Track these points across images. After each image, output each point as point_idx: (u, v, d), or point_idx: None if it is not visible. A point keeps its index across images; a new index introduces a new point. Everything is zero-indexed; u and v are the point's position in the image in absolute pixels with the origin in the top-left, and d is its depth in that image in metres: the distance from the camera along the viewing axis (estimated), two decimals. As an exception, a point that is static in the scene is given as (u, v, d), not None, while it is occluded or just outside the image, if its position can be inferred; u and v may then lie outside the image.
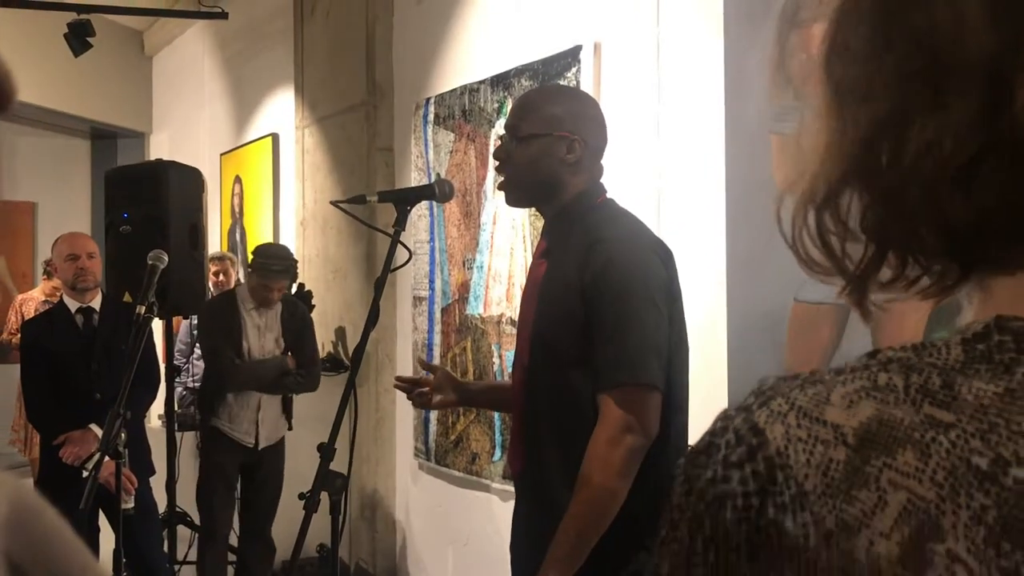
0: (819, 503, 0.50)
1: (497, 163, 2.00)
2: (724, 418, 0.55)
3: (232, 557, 4.38)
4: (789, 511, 0.50)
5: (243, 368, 4.07)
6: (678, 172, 2.94)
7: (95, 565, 0.25)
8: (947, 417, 0.50)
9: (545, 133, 1.91)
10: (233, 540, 4.31)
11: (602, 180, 2.01)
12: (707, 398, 2.60)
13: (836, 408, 0.52)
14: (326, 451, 2.03)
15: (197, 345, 4.77)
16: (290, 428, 4.27)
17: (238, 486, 4.26)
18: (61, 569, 0.24)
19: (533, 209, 3.19)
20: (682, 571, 0.53)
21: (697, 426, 2.14)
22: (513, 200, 2.02)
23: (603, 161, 2.02)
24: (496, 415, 3.71)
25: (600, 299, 1.79)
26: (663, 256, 1.90)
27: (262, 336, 4.15)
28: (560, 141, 1.91)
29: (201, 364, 4.75)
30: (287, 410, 4.25)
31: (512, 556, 2.08)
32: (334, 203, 2.26)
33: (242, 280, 6.29)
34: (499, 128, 3.68)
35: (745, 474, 0.52)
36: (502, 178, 1.99)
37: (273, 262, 4.13)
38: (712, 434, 0.55)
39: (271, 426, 4.17)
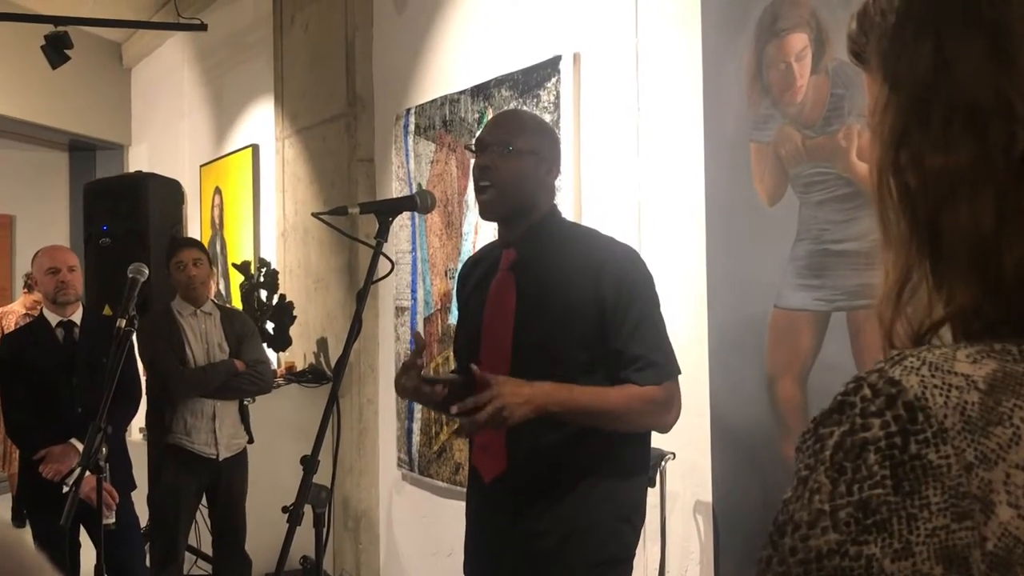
0: (959, 438, 0.56)
1: (478, 171, 2.08)
2: (855, 381, 0.60)
3: (195, 570, 4.35)
4: (932, 445, 0.56)
5: (190, 374, 3.93)
6: (658, 180, 2.96)
7: None
8: None
9: (533, 153, 2.07)
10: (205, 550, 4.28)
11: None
12: (689, 401, 2.61)
13: (963, 363, 0.58)
14: (309, 463, 2.02)
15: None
16: (251, 441, 4.13)
17: (201, 504, 4.11)
18: None
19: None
20: (826, 517, 0.58)
21: (679, 432, 2.15)
22: (491, 211, 2.10)
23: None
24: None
25: (629, 309, 1.98)
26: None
27: (204, 342, 4.01)
28: (543, 163, 2.09)
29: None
30: (245, 420, 4.11)
31: (468, 566, 2.15)
32: (316, 215, 2.26)
33: (222, 292, 6.27)
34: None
35: (886, 419, 0.58)
36: (484, 186, 2.07)
37: (178, 240, 4.15)
38: (844, 395, 0.60)
39: (229, 434, 4.02)
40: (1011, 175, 0.60)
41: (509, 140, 2.06)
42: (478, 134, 2.15)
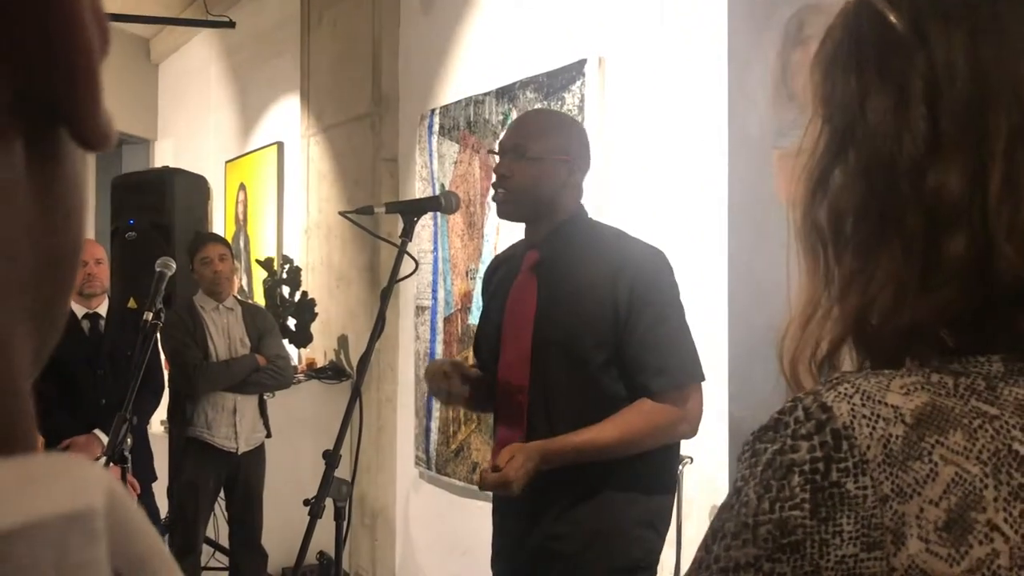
0: (878, 470, 0.57)
1: (496, 178, 2.09)
2: (793, 400, 0.62)
3: (212, 562, 4.39)
4: (851, 475, 0.58)
5: (212, 368, 3.97)
6: (681, 185, 2.97)
7: (176, 567, 0.27)
8: (992, 411, 0.59)
9: (550, 156, 2.03)
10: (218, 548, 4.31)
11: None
12: (707, 410, 2.62)
13: (896, 393, 0.59)
14: (331, 458, 2.05)
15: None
16: (268, 435, 4.17)
17: (219, 497, 4.16)
18: (146, 565, 0.26)
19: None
20: (748, 531, 0.60)
21: (697, 437, 2.16)
22: (507, 214, 2.12)
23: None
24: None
25: (644, 311, 1.95)
26: (670, 264, 2.08)
27: (226, 337, 4.06)
28: (563, 165, 2.04)
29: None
30: (264, 414, 4.16)
31: (494, 565, 2.16)
32: (343, 214, 2.29)
33: (244, 287, 6.32)
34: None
35: (813, 443, 0.59)
36: (500, 192, 2.08)
37: (203, 235, 4.21)
38: (780, 413, 0.62)
39: (249, 428, 4.06)
40: (887, 227, 0.63)
41: (524, 145, 2.04)
42: (501, 137, 2.16)
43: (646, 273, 1.98)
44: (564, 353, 1.99)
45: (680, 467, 2.73)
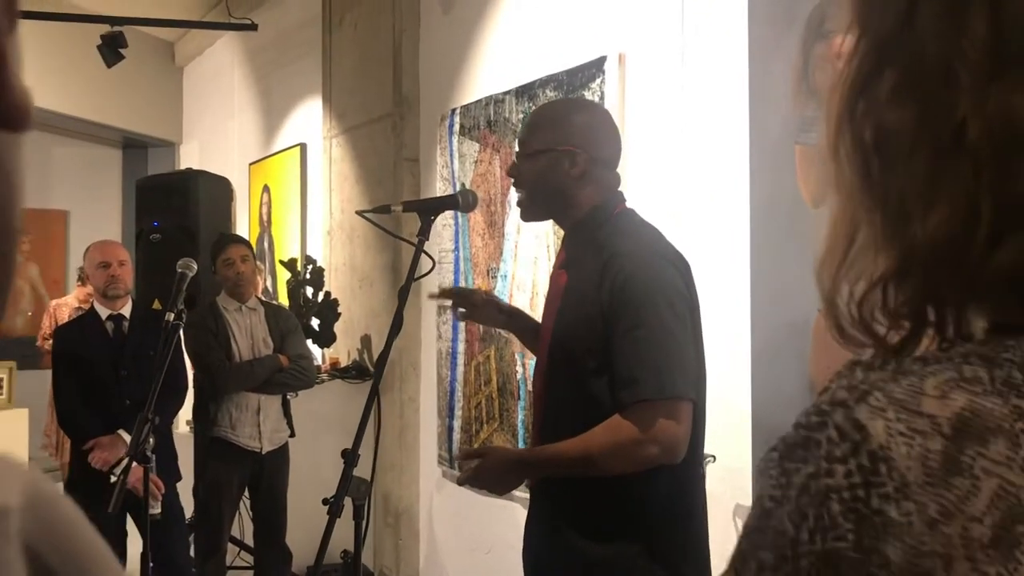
0: (921, 492, 0.53)
1: (513, 180, 2.06)
2: (819, 414, 0.57)
3: (237, 561, 4.42)
4: (893, 500, 0.53)
5: (236, 368, 4.00)
6: (702, 182, 2.95)
7: (112, 557, 0.26)
8: None
9: (548, 149, 1.94)
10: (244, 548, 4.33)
11: (622, 189, 2.04)
12: (730, 408, 2.60)
13: (931, 399, 0.55)
14: (350, 456, 2.05)
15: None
16: (292, 434, 4.20)
17: (244, 496, 4.19)
18: (79, 557, 0.24)
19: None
20: (788, 563, 0.56)
21: (720, 435, 2.14)
22: (526, 215, 2.06)
23: (621, 170, 2.05)
24: (520, 424, 3.72)
25: (620, 314, 1.80)
26: (681, 267, 1.91)
27: (249, 337, 4.10)
28: (563, 156, 1.93)
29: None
30: (287, 414, 4.19)
31: (525, 566, 2.08)
32: (360, 213, 2.29)
33: (269, 288, 6.36)
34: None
35: (850, 468, 0.54)
36: (520, 194, 2.04)
37: (226, 236, 4.24)
38: (808, 428, 0.57)
39: (273, 428, 4.10)
40: (945, 146, 0.56)
41: (524, 141, 1.99)
42: None
43: (628, 270, 1.81)
44: (565, 359, 1.91)
45: (703, 465, 2.71)
